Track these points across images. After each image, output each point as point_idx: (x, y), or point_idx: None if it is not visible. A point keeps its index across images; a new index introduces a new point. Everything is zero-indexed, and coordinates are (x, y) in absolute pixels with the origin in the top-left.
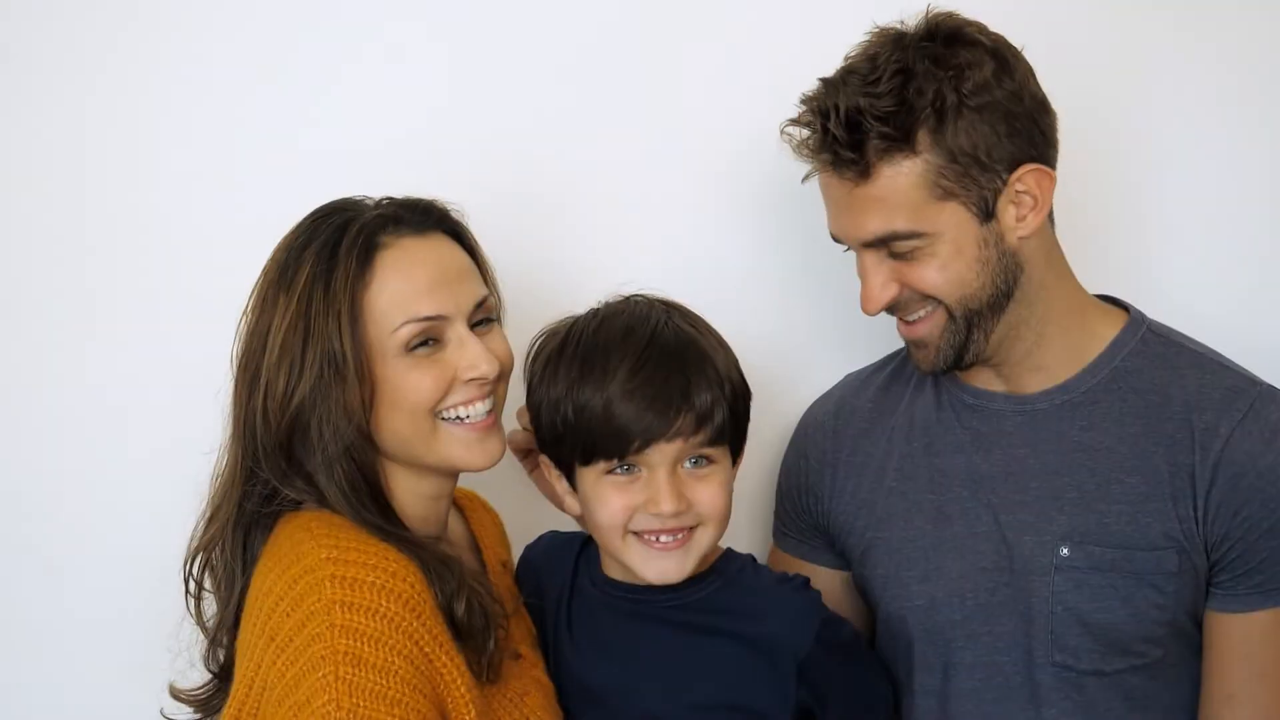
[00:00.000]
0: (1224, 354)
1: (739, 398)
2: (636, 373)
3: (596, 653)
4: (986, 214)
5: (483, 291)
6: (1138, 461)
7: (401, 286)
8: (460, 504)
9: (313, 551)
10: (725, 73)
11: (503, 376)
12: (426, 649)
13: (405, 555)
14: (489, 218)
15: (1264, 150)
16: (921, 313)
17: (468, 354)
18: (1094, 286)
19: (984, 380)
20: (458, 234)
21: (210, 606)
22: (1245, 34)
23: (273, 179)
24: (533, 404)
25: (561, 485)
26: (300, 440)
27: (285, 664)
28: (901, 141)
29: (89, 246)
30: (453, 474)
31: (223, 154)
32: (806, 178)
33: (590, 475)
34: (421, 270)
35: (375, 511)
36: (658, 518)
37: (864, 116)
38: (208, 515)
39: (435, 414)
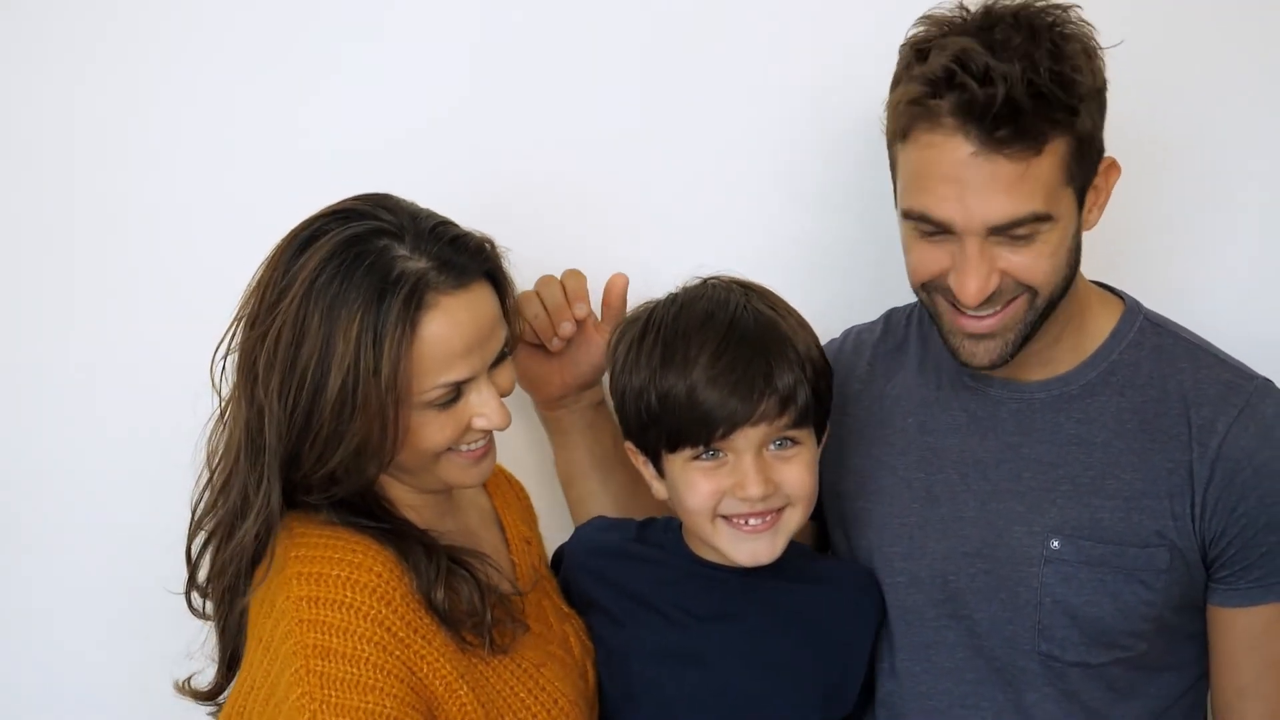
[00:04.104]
0: (1219, 346)
1: (820, 377)
2: (718, 359)
3: (700, 626)
4: (1080, 203)
5: (504, 334)
6: (1134, 458)
7: (439, 352)
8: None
9: (284, 552)
10: (724, 71)
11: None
12: (399, 634)
13: (379, 544)
14: (496, 212)
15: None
16: (1005, 299)
17: (484, 406)
18: (1091, 274)
19: None
20: (495, 276)
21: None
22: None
23: (267, 173)
24: (615, 391)
25: (648, 471)
26: (300, 450)
27: (268, 664)
28: (1071, 116)
29: (77, 240)
30: None
31: (215, 148)
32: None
33: (677, 462)
34: (459, 336)
35: (359, 507)
36: (745, 501)
37: (1047, 85)
38: (213, 496)
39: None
